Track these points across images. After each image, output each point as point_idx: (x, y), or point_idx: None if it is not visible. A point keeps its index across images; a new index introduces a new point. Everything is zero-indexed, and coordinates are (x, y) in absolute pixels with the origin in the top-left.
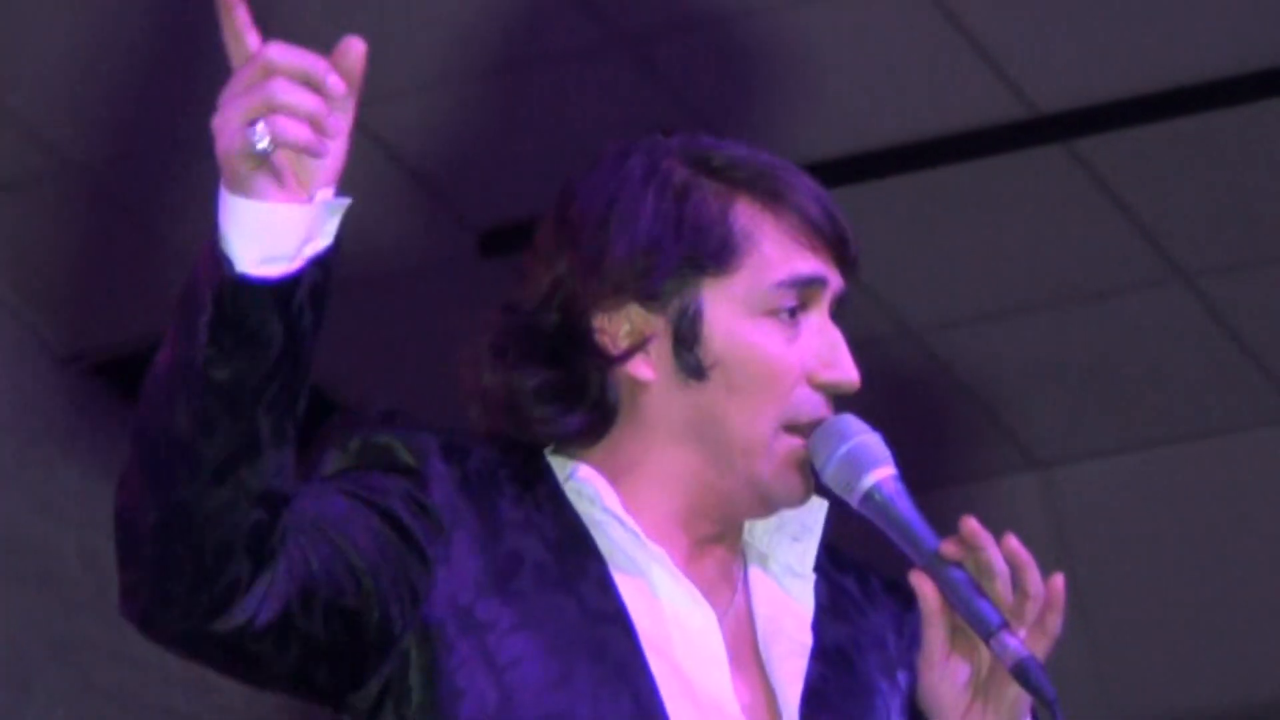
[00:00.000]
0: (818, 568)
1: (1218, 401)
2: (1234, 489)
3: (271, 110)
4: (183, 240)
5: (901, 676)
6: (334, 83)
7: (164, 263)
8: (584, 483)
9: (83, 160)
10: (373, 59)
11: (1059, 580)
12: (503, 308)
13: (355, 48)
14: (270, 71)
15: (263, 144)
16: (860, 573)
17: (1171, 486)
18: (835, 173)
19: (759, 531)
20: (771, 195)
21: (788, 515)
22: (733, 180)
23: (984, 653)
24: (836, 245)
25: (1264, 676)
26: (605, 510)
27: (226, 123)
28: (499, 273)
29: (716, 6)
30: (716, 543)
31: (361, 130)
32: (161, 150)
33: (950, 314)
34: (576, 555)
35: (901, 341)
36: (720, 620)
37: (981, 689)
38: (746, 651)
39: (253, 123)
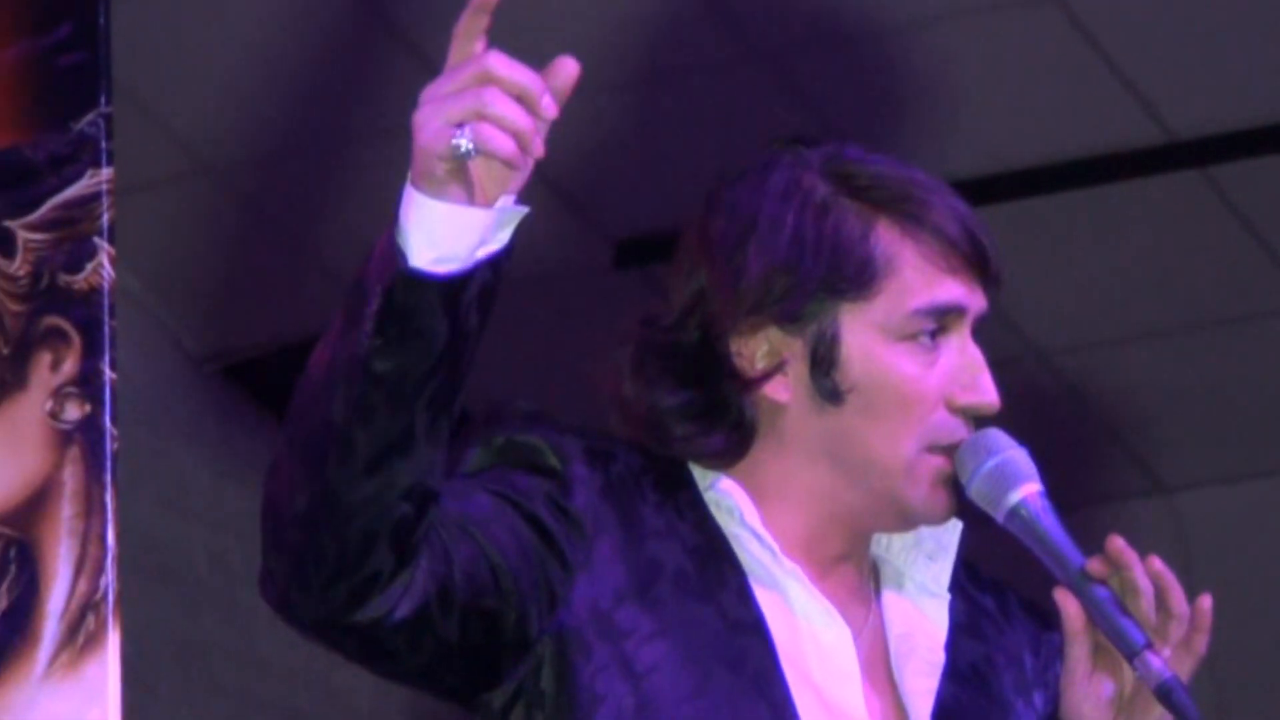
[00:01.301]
0: (955, 586)
1: None
2: None
3: (481, 118)
4: (320, 246)
5: (1038, 697)
6: (547, 104)
7: (301, 268)
8: (725, 495)
9: (224, 163)
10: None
11: (1207, 601)
12: (642, 320)
13: (568, 68)
14: (487, 79)
15: (466, 148)
16: (998, 591)
17: None
18: (970, 193)
19: (895, 549)
20: (913, 217)
21: (924, 533)
22: (874, 200)
23: (1127, 672)
24: (978, 265)
25: None
26: (744, 524)
27: (430, 120)
28: (633, 283)
29: (857, 24)
30: (844, 562)
31: None
32: (302, 156)
33: (1081, 336)
34: (716, 565)
35: (1031, 363)
36: (855, 637)
37: (1125, 708)
38: (879, 668)
39: (460, 125)
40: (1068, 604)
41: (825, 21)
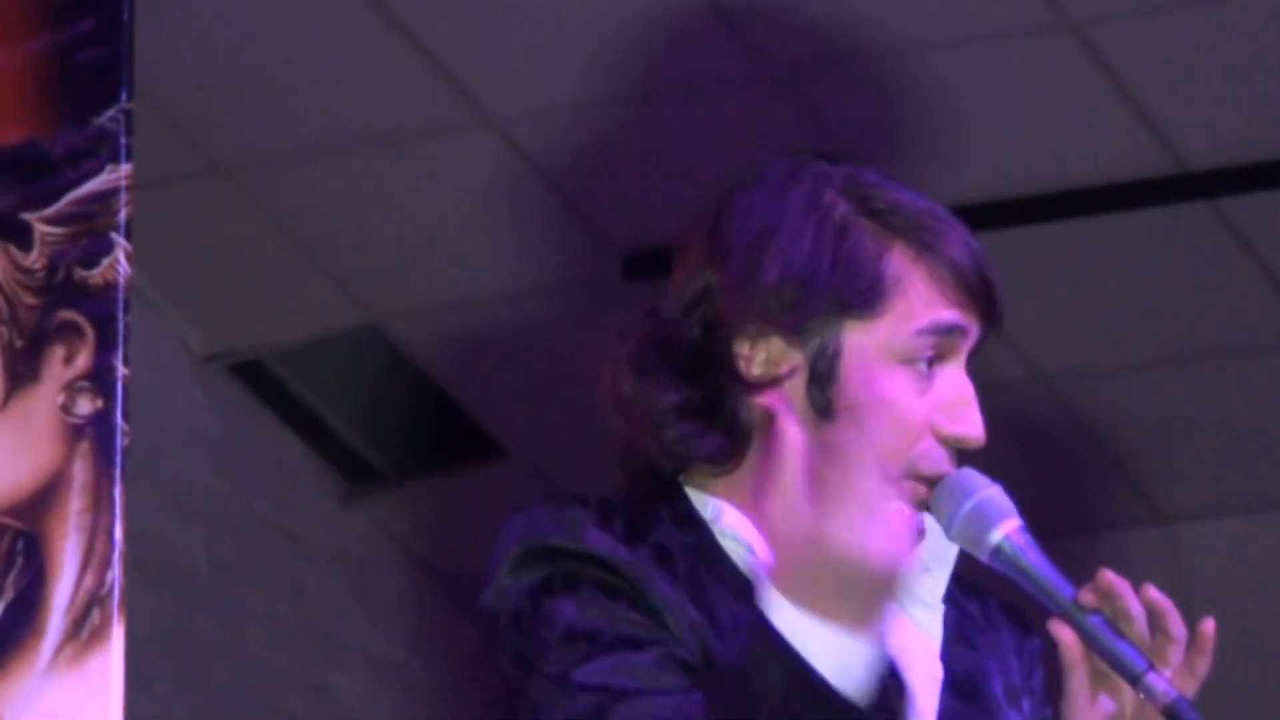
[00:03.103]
0: (946, 597)
1: None
2: None
3: None
4: (329, 249)
5: (1026, 702)
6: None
7: (309, 270)
8: (731, 527)
9: (235, 163)
10: (525, 77)
11: (1210, 625)
12: (645, 314)
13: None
14: None
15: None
16: (980, 596)
17: None
18: (977, 217)
19: None
20: (928, 246)
21: (923, 544)
22: (891, 225)
23: (1127, 695)
24: (983, 299)
25: None
26: (752, 553)
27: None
28: (642, 295)
29: (869, 44)
30: None
31: (511, 148)
32: (314, 159)
33: (1084, 363)
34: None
35: (1034, 388)
36: None
37: None
38: None
39: None
40: (1063, 634)
41: (838, 40)
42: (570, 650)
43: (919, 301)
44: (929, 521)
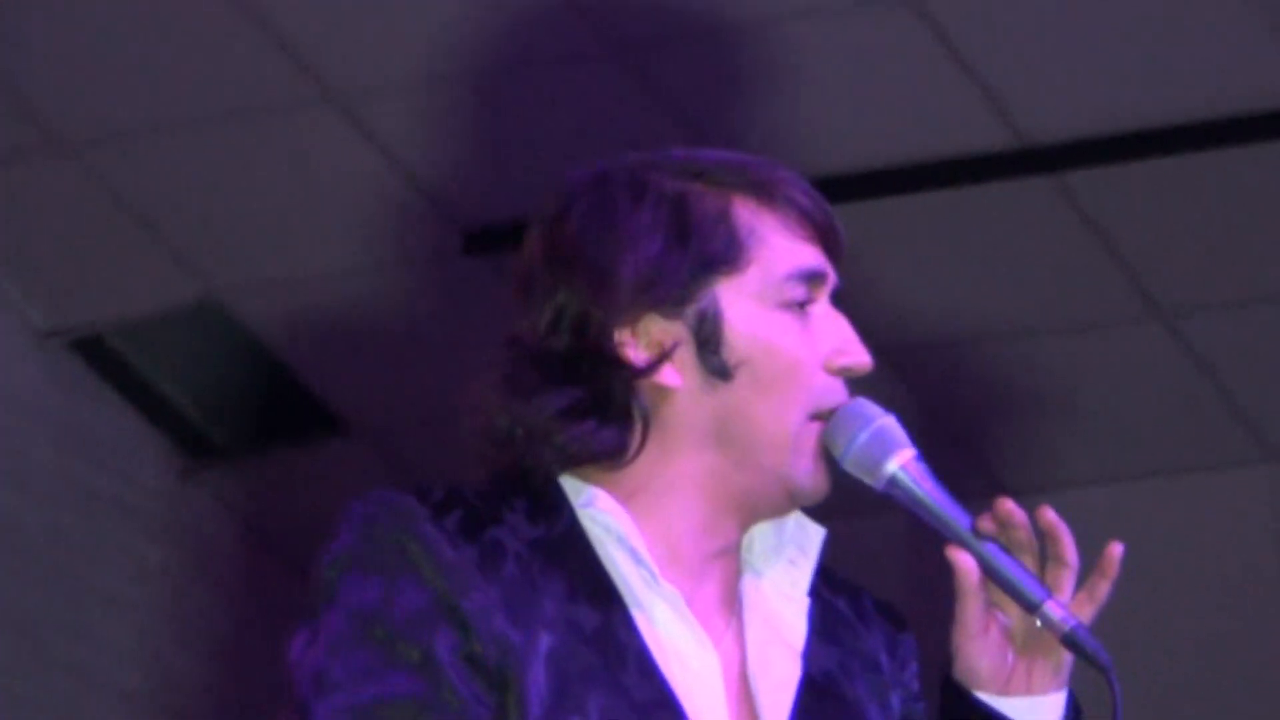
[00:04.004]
0: (812, 590)
1: (1188, 440)
2: (1200, 528)
3: None
4: (170, 225)
5: (895, 699)
6: None
7: (150, 246)
8: (601, 512)
9: (75, 139)
10: (367, 55)
11: (1117, 548)
12: (504, 343)
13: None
14: None
15: None
16: (852, 593)
17: (1137, 522)
18: (822, 191)
19: (757, 551)
20: (763, 189)
21: (785, 537)
22: (722, 182)
23: (1022, 622)
24: (829, 236)
25: (1220, 715)
26: (620, 540)
27: None
28: (483, 270)
29: (712, 19)
30: (723, 558)
31: (353, 125)
32: (154, 135)
33: (927, 337)
34: (613, 640)
35: (876, 361)
36: (717, 645)
37: (1026, 653)
38: (738, 681)
39: None
40: (962, 560)
41: (680, 16)
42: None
43: (778, 244)
44: (794, 515)
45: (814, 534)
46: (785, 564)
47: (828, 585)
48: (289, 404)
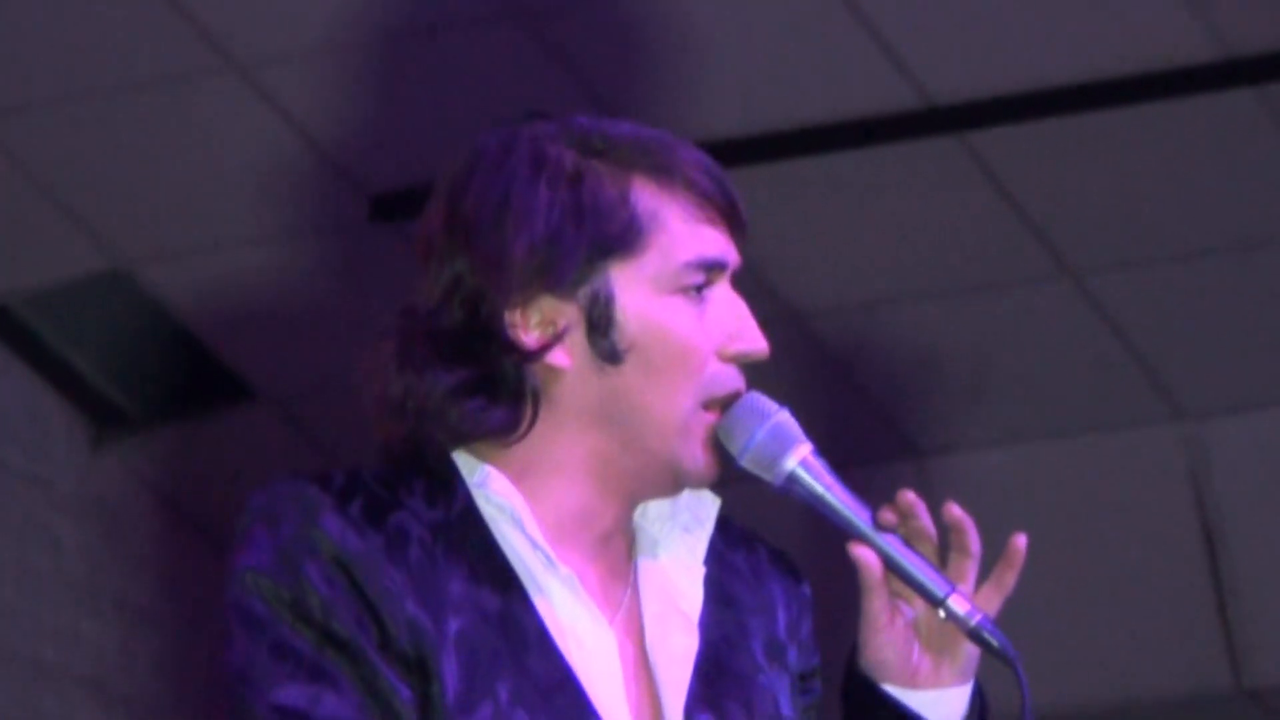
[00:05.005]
0: (708, 550)
1: (1098, 399)
2: (1108, 488)
3: None
4: (72, 194)
5: (791, 654)
6: None
7: (52, 214)
8: (495, 493)
9: None
10: (269, 22)
11: (1021, 540)
12: (400, 312)
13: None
14: None
15: None
16: (749, 545)
17: (1045, 482)
18: (726, 154)
19: (651, 517)
20: (665, 171)
21: (680, 504)
22: (624, 160)
23: (927, 615)
24: (730, 215)
25: (1129, 676)
26: (514, 520)
27: None
28: (388, 237)
29: None
30: (615, 535)
31: (256, 93)
32: (58, 105)
33: (835, 299)
34: (515, 623)
35: (784, 325)
36: (611, 621)
37: (932, 646)
38: (635, 656)
39: None
40: (864, 556)
41: None
42: (273, 666)
43: (677, 229)
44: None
45: (709, 502)
46: (680, 531)
47: (724, 538)
48: (198, 373)
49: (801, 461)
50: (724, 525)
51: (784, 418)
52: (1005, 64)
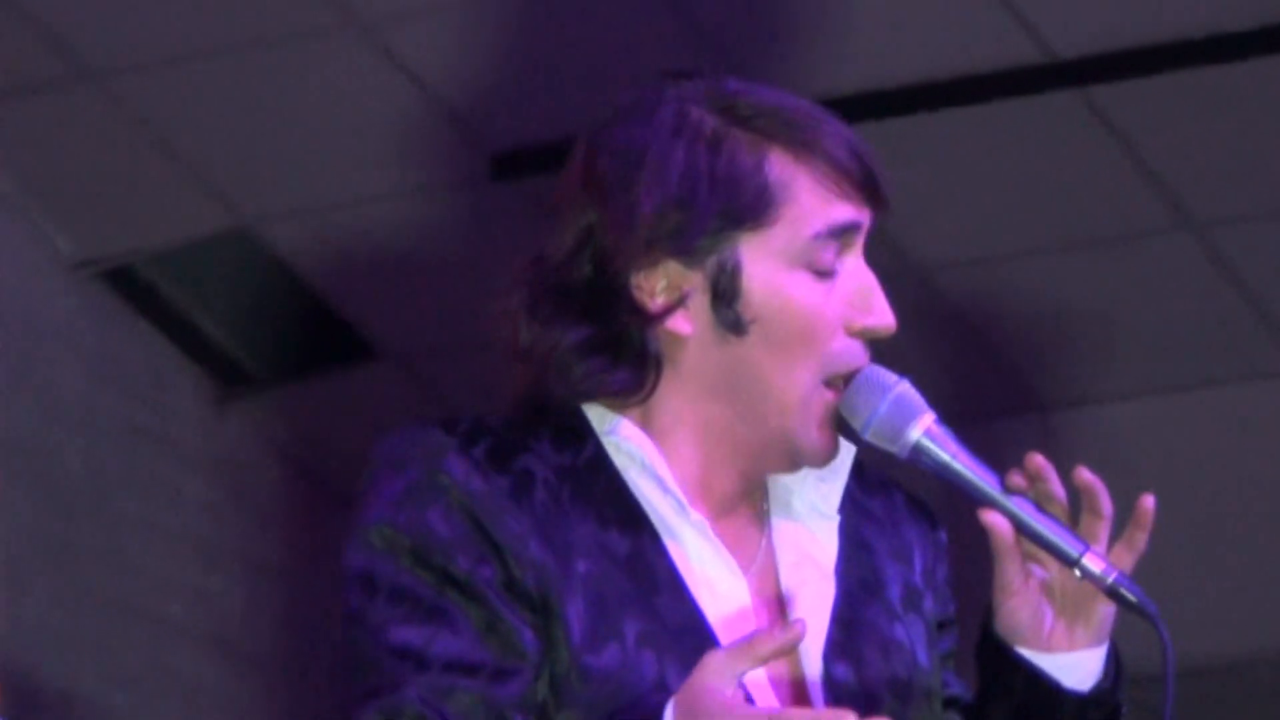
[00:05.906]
0: (844, 497)
1: (1220, 352)
2: (1234, 440)
3: None
4: (200, 154)
5: (928, 602)
6: None
7: (176, 173)
8: (626, 440)
9: (104, 68)
10: None
11: (1149, 500)
12: (532, 260)
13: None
14: None
15: None
16: (886, 491)
17: (1169, 435)
18: (851, 109)
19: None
20: (803, 144)
21: None
22: (764, 130)
23: (1060, 576)
24: (869, 189)
25: (1259, 628)
26: (647, 471)
27: None
28: (510, 196)
29: None
30: (742, 499)
31: (380, 51)
32: (184, 63)
33: (958, 253)
34: (645, 565)
35: (908, 280)
36: (746, 572)
37: (1067, 610)
38: (771, 608)
39: None
40: (995, 521)
41: None
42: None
43: (809, 203)
44: None
45: (844, 450)
46: (815, 481)
47: (860, 485)
48: (321, 331)
49: (926, 431)
50: (859, 471)
51: (905, 389)
52: (1127, 17)
